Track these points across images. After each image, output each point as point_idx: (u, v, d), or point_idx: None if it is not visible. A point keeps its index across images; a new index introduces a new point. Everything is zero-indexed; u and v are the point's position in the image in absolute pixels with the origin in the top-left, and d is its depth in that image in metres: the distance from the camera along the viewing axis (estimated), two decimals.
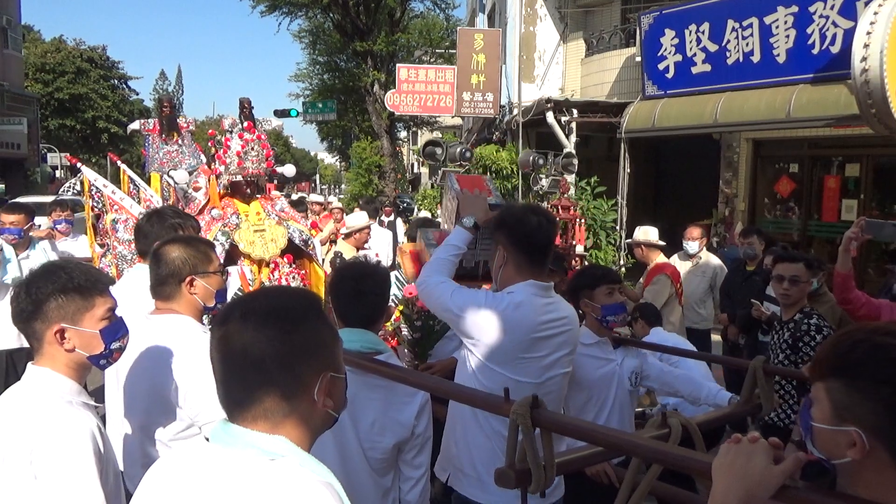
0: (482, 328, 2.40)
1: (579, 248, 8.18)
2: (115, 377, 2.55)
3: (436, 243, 3.10)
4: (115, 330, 1.95)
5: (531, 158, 9.36)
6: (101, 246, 3.73)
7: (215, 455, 1.22)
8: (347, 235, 6.32)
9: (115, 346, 1.95)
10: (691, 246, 6.49)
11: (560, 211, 7.49)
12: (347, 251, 5.95)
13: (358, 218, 6.57)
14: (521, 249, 2.48)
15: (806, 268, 3.87)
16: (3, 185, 21.33)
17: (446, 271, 2.56)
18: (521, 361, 2.42)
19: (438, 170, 9.89)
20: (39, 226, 5.57)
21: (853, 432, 1.15)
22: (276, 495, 1.14)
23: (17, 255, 4.83)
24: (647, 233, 6.33)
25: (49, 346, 1.84)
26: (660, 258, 6.21)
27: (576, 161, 10.14)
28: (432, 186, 19.15)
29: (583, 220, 8.63)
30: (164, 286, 2.42)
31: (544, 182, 9.60)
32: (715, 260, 6.71)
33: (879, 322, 1.45)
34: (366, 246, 6.43)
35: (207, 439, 1.26)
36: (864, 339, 1.19)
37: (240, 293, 3.26)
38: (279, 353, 1.22)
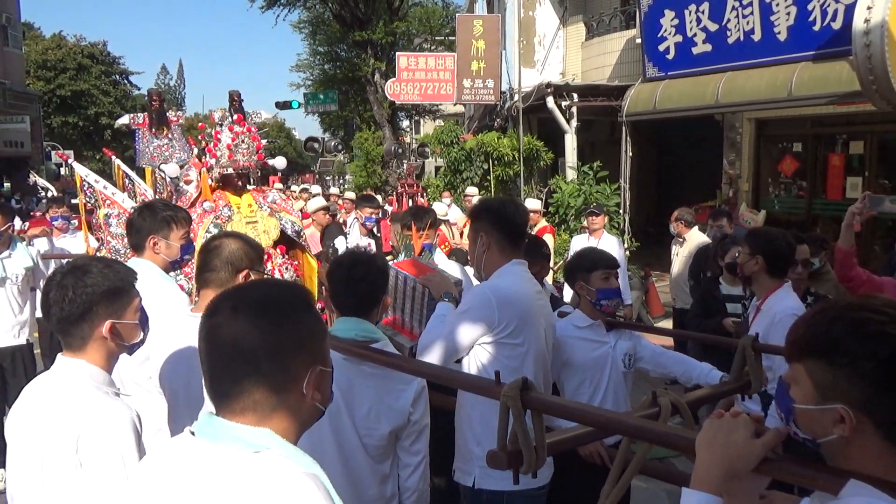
0: (494, 307, 2.53)
1: None
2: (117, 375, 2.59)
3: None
4: (146, 318, 2.04)
5: (392, 148, 12.07)
6: (97, 241, 3.74)
7: (201, 449, 1.22)
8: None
9: (146, 331, 2.04)
10: (672, 228, 6.98)
11: (406, 188, 9.49)
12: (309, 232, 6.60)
13: (315, 202, 7.85)
14: (503, 232, 2.68)
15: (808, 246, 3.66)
16: (9, 185, 21.41)
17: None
18: (531, 329, 2.60)
19: (317, 160, 12.00)
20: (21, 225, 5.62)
21: (840, 409, 1.15)
22: (260, 487, 1.14)
23: None
24: (530, 202, 8.06)
25: (94, 341, 1.89)
26: (543, 222, 7.74)
27: (428, 149, 12.10)
28: (436, 175, 19.19)
29: (425, 194, 10.60)
30: (217, 273, 2.45)
31: (405, 166, 11.68)
32: (701, 239, 6.67)
33: (850, 297, 1.45)
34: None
35: (193, 433, 1.26)
36: (840, 317, 1.19)
37: None
38: (269, 345, 1.22)
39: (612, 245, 6.90)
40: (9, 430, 1.88)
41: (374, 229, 7.01)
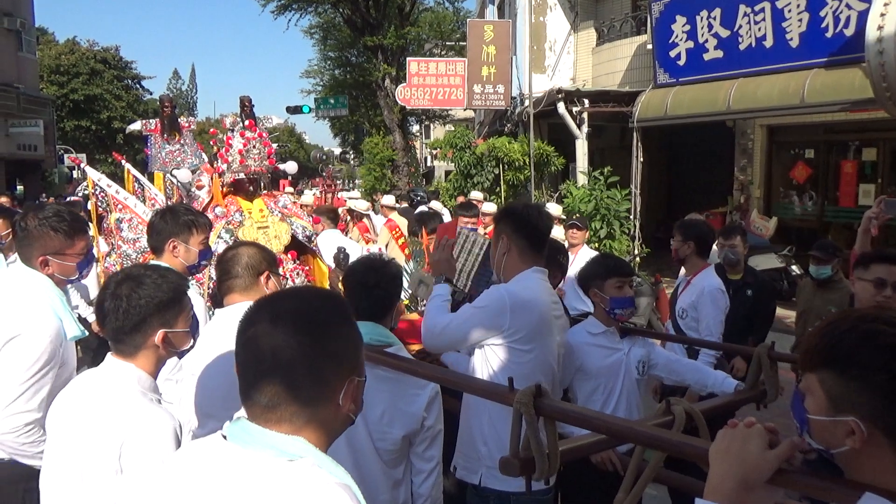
0: (508, 311, 2.53)
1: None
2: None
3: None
4: (196, 324, 2.05)
5: (318, 155, 14.57)
6: (108, 245, 3.77)
7: (233, 454, 1.21)
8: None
9: (196, 337, 2.05)
10: None
11: (326, 188, 10.60)
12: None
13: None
14: (525, 237, 2.68)
15: None
16: (22, 187, 21.61)
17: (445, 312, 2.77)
18: (543, 338, 2.60)
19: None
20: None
21: (851, 422, 1.15)
22: (294, 496, 1.14)
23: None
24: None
25: (146, 350, 1.90)
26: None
27: (350, 155, 14.40)
28: (445, 179, 19.23)
29: (340, 195, 11.72)
30: (240, 279, 2.52)
31: (327, 169, 13.42)
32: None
33: (863, 308, 1.43)
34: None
35: (224, 437, 1.25)
36: (852, 328, 1.19)
37: None
38: (309, 359, 1.22)
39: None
40: (51, 423, 1.89)
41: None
